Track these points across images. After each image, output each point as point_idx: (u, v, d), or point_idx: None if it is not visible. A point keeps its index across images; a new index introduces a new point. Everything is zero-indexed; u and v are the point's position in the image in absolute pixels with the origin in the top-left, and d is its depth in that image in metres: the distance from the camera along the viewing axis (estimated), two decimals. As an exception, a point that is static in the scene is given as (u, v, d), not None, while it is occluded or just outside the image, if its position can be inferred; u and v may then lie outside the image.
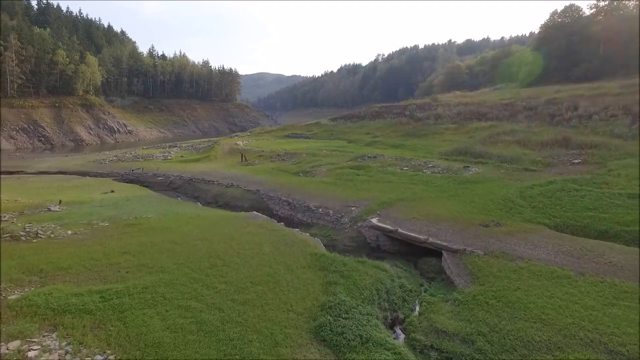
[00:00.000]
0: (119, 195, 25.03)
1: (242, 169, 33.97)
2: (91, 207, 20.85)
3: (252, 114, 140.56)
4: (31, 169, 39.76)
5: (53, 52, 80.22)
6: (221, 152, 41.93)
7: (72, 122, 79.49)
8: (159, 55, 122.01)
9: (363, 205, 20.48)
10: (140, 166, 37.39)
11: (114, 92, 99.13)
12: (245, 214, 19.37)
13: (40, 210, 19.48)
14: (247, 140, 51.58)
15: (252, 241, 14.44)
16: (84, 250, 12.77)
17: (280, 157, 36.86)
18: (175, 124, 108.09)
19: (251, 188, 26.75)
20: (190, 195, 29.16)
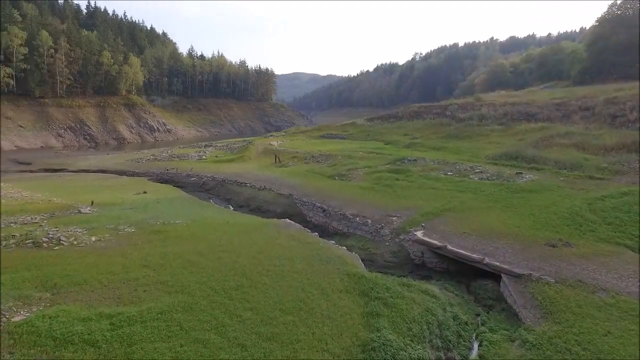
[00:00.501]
0: (150, 197, 24.43)
1: (275, 170, 32.77)
2: (121, 210, 20.21)
3: (288, 114, 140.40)
4: (73, 167, 40.57)
5: (99, 53, 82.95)
6: (255, 152, 41.04)
7: (115, 121, 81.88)
8: (197, 56, 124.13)
9: (405, 215, 18.55)
10: (174, 166, 37.10)
11: (154, 91, 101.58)
12: (276, 222, 17.97)
13: (71, 212, 19.00)
14: (282, 141, 50.56)
15: (283, 255, 12.96)
16: (104, 261, 11.75)
17: (315, 159, 35.39)
18: (212, 123, 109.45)
19: (284, 192, 25.40)
20: (222, 198, 28.24)
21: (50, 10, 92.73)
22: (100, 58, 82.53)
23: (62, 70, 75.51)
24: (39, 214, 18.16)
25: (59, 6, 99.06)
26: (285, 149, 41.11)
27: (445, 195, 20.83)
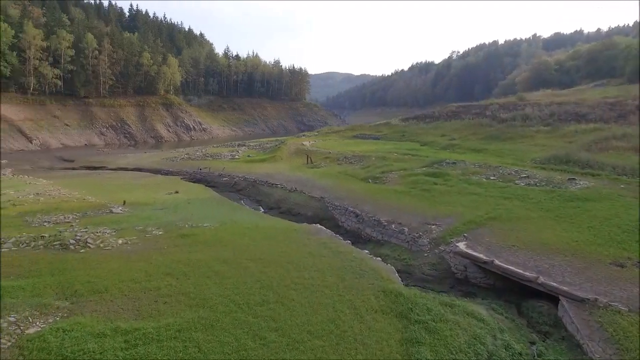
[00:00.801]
0: (181, 197, 24.23)
1: (307, 171, 31.96)
2: (152, 210, 20.01)
3: (321, 113, 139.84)
4: (112, 165, 41.58)
5: (139, 54, 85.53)
6: (287, 152, 40.45)
7: (153, 120, 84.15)
8: (233, 56, 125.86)
9: (445, 223, 17.15)
10: (207, 165, 37.12)
11: (191, 91, 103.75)
12: (307, 228, 17.08)
13: (103, 211, 18.95)
14: (314, 141, 49.76)
15: (313, 266, 12.03)
16: (127, 267, 11.26)
17: (348, 160, 34.27)
18: (246, 122, 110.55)
19: (315, 194, 24.51)
20: (253, 199, 27.73)
21: (96, 13, 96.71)
22: (140, 59, 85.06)
23: (105, 71, 78.35)
24: (72, 213, 18.20)
25: (104, 9, 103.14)
26: (318, 150, 40.27)
27: (488, 202, 19.19)
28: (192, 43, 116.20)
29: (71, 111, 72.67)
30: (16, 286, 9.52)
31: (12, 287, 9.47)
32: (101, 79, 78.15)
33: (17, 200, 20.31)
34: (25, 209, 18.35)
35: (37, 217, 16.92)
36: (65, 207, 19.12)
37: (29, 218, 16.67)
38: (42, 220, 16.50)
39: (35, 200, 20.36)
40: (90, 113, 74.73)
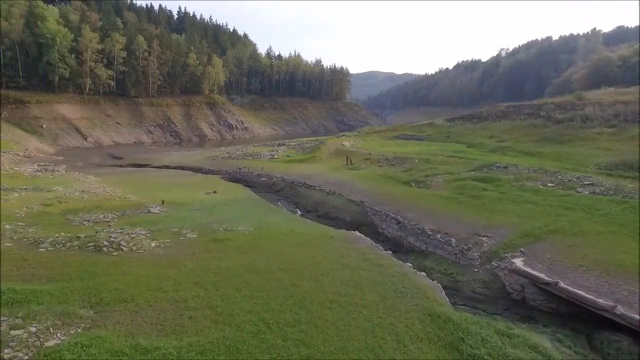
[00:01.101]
0: (219, 197, 23.99)
1: (346, 173, 30.90)
2: (189, 210, 19.80)
3: (361, 113, 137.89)
4: (157, 163, 42.63)
5: (186, 55, 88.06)
6: (326, 153, 39.57)
7: (198, 119, 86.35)
8: (275, 56, 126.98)
9: (498, 235, 15.50)
10: (246, 165, 37.03)
11: (234, 91, 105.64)
12: (345, 235, 16.06)
13: (142, 211, 18.94)
14: (354, 141, 48.56)
15: (350, 280, 11.00)
16: (157, 274, 10.78)
17: (389, 162, 32.83)
18: (287, 121, 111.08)
19: (355, 198, 23.40)
20: (290, 201, 27.08)
21: (147, 16, 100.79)
22: (187, 59, 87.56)
23: (154, 71, 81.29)
24: (112, 211, 18.31)
25: (155, 13, 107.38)
26: (358, 150, 39.07)
27: (548, 213, 17.22)
28: (236, 43, 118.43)
29: (122, 110, 75.98)
30: (44, 291, 9.24)
31: (41, 291, 9.19)
32: (150, 79, 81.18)
33: (64, 197, 20.84)
34: (69, 206, 18.70)
35: (79, 215, 17.11)
36: (106, 205, 19.31)
37: (71, 216, 16.88)
38: (83, 218, 16.63)
39: (80, 198, 20.82)
40: (140, 112, 77.80)
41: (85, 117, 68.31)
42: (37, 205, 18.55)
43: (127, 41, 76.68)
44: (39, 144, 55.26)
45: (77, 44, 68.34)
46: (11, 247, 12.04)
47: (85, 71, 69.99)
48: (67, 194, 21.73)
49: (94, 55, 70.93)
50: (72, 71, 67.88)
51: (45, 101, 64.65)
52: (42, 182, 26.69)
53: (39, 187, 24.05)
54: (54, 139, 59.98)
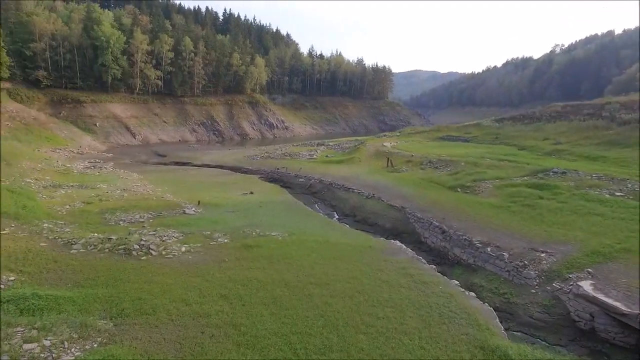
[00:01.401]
0: (255, 199, 23.50)
1: (386, 176, 29.51)
2: (223, 212, 19.40)
3: (403, 113, 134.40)
4: (197, 161, 43.20)
5: (230, 55, 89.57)
6: (366, 154, 38.26)
7: (240, 118, 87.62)
8: (317, 55, 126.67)
9: (559, 251, 13.68)
10: (284, 165, 36.55)
11: (276, 90, 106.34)
12: (384, 245, 14.88)
13: (177, 211, 18.75)
14: (396, 142, 46.83)
15: (389, 300, 9.86)
16: (182, 283, 10.20)
17: (433, 165, 31.02)
18: (327, 121, 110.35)
19: (395, 203, 22.06)
20: (327, 203, 26.14)
21: (194, 18, 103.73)
22: (230, 59, 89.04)
23: (199, 71, 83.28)
24: (148, 211, 18.23)
25: (202, 15, 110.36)
26: (399, 152, 37.43)
27: (618, 227, 15.08)
28: (279, 43, 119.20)
29: (169, 109, 78.51)
30: (67, 298, 8.88)
31: (64, 298, 8.83)
32: (195, 79, 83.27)
33: (105, 195, 21.17)
34: (108, 205, 18.87)
35: (116, 214, 17.14)
36: (143, 205, 19.32)
37: (108, 215, 16.93)
38: (119, 218, 16.61)
39: (120, 197, 21.05)
40: (185, 111, 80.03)
41: (135, 116, 71.16)
42: (78, 203, 18.88)
43: (175, 42, 79.09)
44: (92, 141, 58.05)
45: (128, 45, 71.31)
46: (45, 247, 11.98)
47: (135, 72, 72.88)
48: (108, 192, 22.09)
49: (144, 56, 73.71)
50: (124, 72, 70.91)
51: (99, 100, 67.99)
52: (88, 179, 27.55)
53: (84, 184, 24.75)
54: (106, 137, 62.86)
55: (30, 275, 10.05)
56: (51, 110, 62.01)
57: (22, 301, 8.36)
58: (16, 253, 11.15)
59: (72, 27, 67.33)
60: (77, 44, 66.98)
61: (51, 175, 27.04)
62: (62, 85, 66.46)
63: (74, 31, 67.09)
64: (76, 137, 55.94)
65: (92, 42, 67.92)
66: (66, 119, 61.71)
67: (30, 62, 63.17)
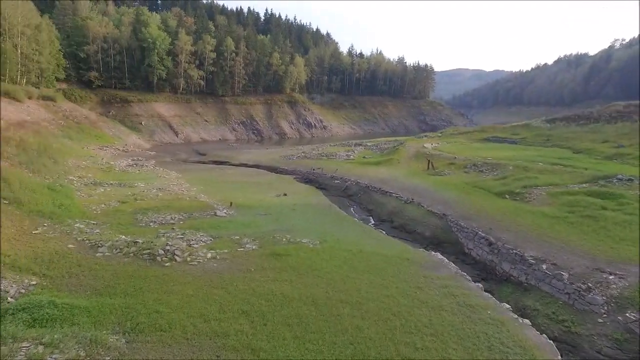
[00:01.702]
0: (289, 201, 22.74)
1: (427, 179, 27.85)
2: (255, 215, 18.76)
3: (445, 112, 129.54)
4: (235, 161, 43.33)
5: (270, 55, 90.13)
6: (405, 155, 36.56)
7: (278, 117, 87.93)
8: (357, 54, 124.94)
9: (632, 273, 11.77)
10: (320, 166, 35.67)
11: (315, 89, 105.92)
12: (423, 257, 13.56)
13: (208, 213, 18.31)
14: (437, 143, 44.65)
15: (428, 327, 8.64)
16: (203, 295, 9.52)
17: (478, 168, 28.94)
18: (366, 120, 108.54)
19: (436, 209, 20.52)
20: (363, 207, 24.94)
21: (237, 19, 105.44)
22: (270, 59, 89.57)
23: (240, 71, 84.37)
24: (180, 212, 17.93)
25: (244, 15, 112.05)
26: (441, 153, 35.43)
27: (703, 248, 12.85)
28: (319, 42, 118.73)
29: (210, 109, 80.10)
30: (83, 307, 8.41)
31: (79, 308, 8.38)
32: (236, 78, 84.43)
33: (141, 195, 21.21)
34: (142, 205, 18.78)
35: (147, 215, 16.94)
36: (176, 205, 19.08)
37: (140, 216, 16.75)
38: (150, 219, 16.38)
39: (155, 196, 21.00)
40: (226, 110, 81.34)
41: (178, 115, 73.13)
42: (114, 202, 18.94)
43: (217, 43, 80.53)
44: (137, 140, 60.09)
45: (173, 47, 73.38)
46: (72, 249, 11.77)
47: (179, 72, 74.90)
48: (144, 192, 22.16)
49: (187, 57, 75.58)
50: (169, 72, 73.05)
51: (145, 100, 70.43)
52: (128, 177, 28.03)
53: (123, 182, 25.10)
54: (150, 135, 64.92)
55: (52, 279, 9.75)
56: (101, 110, 64.91)
57: (37, 310, 7.96)
58: (44, 255, 10.97)
59: (122, 30, 70.19)
60: (126, 46, 69.69)
61: (94, 172, 27.77)
62: (111, 86, 69.40)
63: (124, 33, 69.90)
64: (123, 136, 58.08)
65: (140, 44, 70.42)
66: (114, 118, 64.34)
67: (83, 63, 66.39)
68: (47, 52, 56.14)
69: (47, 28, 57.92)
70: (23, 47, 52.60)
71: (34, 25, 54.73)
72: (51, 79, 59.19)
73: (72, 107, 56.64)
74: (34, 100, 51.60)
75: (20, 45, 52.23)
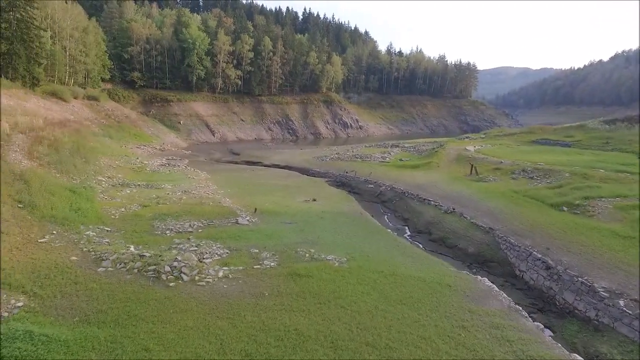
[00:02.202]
0: (317, 207, 21.10)
1: (469, 185, 25.31)
2: (279, 223, 17.29)
3: (488, 112, 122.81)
4: (267, 161, 42.32)
5: (307, 54, 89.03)
6: (445, 158, 33.90)
7: (314, 117, 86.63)
8: (395, 52, 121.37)
9: None
10: (354, 169, 33.78)
11: (352, 89, 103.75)
12: (467, 283, 11.45)
13: (230, 220, 17.03)
14: (480, 145, 41.42)
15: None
16: (203, 328, 8.08)
17: (527, 174, 25.98)
18: (404, 120, 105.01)
19: (481, 222, 18.15)
20: (398, 215, 22.87)
21: (275, 19, 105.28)
22: (307, 58, 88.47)
23: (277, 70, 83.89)
24: (200, 218, 16.76)
25: (282, 15, 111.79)
26: (485, 157, 32.47)
27: None
28: (357, 41, 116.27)
29: (247, 108, 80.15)
30: (62, 341, 7.20)
31: (58, 341, 7.17)
32: (273, 78, 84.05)
33: (164, 197, 20.37)
34: (162, 209, 17.82)
35: (166, 221, 15.90)
36: (197, 211, 17.97)
37: (158, 222, 15.72)
38: (167, 226, 15.30)
39: (178, 200, 20.06)
40: (262, 110, 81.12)
41: (215, 114, 73.63)
42: (135, 205, 18.12)
43: (255, 42, 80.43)
44: (174, 139, 60.82)
45: (212, 47, 73.94)
46: (74, 262, 10.75)
47: (217, 72, 75.41)
48: (169, 194, 21.31)
49: (225, 56, 75.94)
50: (207, 72, 73.71)
51: (184, 99, 71.42)
52: (157, 177, 27.53)
53: (151, 183, 24.52)
54: (188, 134, 65.63)
55: (42, 300, 8.67)
56: (142, 109, 66.40)
57: (9, 344, 6.80)
58: (41, 269, 10.00)
59: (163, 31, 71.56)
60: (167, 47, 70.97)
61: (124, 172, 27.51)
62: (153, 85, 70.90)
63: (165, 34, 71.21)
64: (161, 134, 58.91)
65: (180, 45, 71.47)
66: (154, 117, 65.62)
67: (127, 64, 68.21)
68: (93, 54, 57.97)
69: (94, 30, 59.81)
70: (71, 49, 54.56)
71: (82, 28, 56.67)
72: (97, 79, 61.18)
73: (114, 107, 58.14)
74: (80, 100, 53.34)
75: (69, 47, 54.21)
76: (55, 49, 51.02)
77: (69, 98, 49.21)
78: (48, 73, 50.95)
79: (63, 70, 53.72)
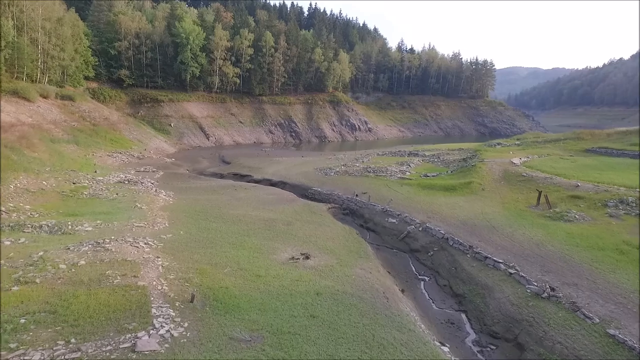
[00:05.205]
0: (309, 278, 12.06)
1: (547, 227, 16.12)
2: (226, 342, 8.32)
3: (507, 114, 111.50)
4: (258, 174, 33.45)
5: (312, 51, 79.91)
6: (490, 176, 24.57)
7: (319, 118, 77.45)
8: (406, 50, 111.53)
9: None
10: (366, 189, 24.71)
11: (360, 88, 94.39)
12: None
13: (123, 340, 8.12)
14: (527, 156, 31.96)
15: None
16: None
17: (632, 209, 16.70)
18: (415, 122, 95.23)
19: (627, 335, 8.96)
20: (445, 286, 13.69)
21: (279, 14, 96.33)
22: (312, 55, 79.37)
23: (279, 68, 74.90)
24: (62, 337, 7.87)
25: (286, 10, 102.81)
26: (547, 177, 23.03)
27: None
28: (365, 38, 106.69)
29: (246, 109, 71.37)
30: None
31: None
32: (275, 76, 75.11)
33: (47, 261, 11.52)
34: (12, 300, 8.93)
35: None
36: (75, 308, 9.04)
37: None
38: None
39: (68, 269, 11.11)
40: (262, 111, 72.28)
41: (211, 116, 65.02)
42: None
43: (255, 38, 71.62)
44: (162, 143, 52.27)
45: (208, 42, 65.33)
46: None
47: (214, 69, 66.74)
48: (63, 253, 12.47)
49: (223, 53, 67.21)
50: (203, 70, 65.08)
51: (177, 99, 62.92)
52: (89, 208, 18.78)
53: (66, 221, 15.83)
54: (179, 138, 57.16)
55: None
56: (130, 110, 58.03)
57: None
58: None
59: (155, 25, 63.12)
60: (159, 42, 62.52)
61: (43, 199, 18.86)
62: (143, 84, 62.47)
63: (157, 29, 62.78)
64: (145, 139, 50.33)
65: (173, 40, 62.98)
66: (143, 119, 57.22)
67: (114, 61, 59.89)
68: (70, 49, 49.51)
69: (72, 22, 51.33)
70: (43, 43, 46.18)
71: (56, 19, 48.26)
72: (78, 77, 52.69)
73: (92, 108, 49.50)
74: (50, 100, 44.68)
75: (40, 40, 45.81)
76: (21, 40, 42.71)
77: (34, 97, 40.72)
78: (12, 69, 42.79)
79: (32, 66, 45.39)
